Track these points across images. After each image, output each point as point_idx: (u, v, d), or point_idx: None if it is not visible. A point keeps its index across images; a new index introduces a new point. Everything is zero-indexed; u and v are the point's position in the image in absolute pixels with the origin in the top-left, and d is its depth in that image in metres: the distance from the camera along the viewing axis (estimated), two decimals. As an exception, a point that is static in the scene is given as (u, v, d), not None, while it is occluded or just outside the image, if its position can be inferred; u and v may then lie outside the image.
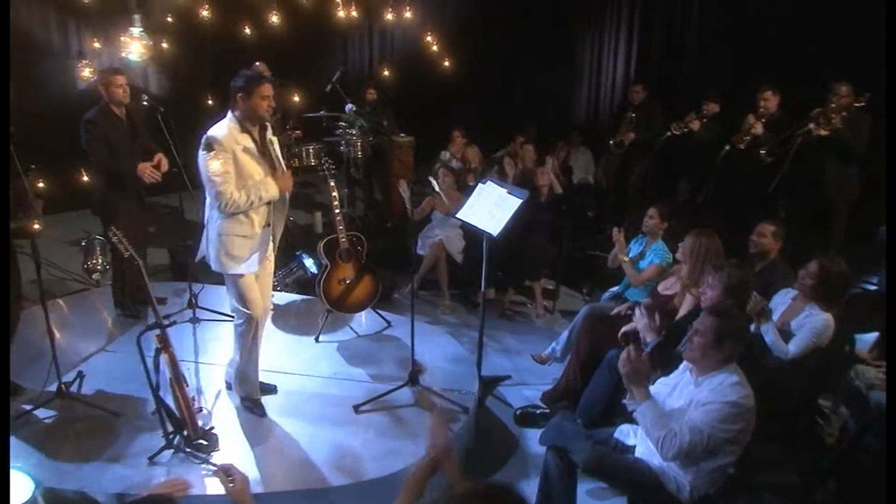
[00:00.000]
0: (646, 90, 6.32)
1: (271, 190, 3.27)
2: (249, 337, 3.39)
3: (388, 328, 4.61)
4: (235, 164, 3.17)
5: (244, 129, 3.22)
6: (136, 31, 3.14)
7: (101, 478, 2.95)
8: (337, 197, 4.26)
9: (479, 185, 4.21)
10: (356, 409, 3.58)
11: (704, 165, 5.51)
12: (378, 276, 4.52)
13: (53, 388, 3.44)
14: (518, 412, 3.88)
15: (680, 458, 2.48)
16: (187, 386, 3.07)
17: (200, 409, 3.33)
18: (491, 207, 4.04)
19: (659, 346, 3.37)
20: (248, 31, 6.69)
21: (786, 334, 3.44)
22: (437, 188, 5.44)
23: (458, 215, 4.26)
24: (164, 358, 2.90)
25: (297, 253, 5.42)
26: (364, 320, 4.73)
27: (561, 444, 2.77)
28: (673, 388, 2.79)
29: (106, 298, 4.69)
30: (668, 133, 5.72)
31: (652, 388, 2.85)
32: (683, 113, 5.81)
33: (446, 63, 7.16)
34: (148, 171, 4.16)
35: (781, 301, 3.76)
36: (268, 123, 3.38)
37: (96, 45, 6.57)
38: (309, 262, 5.32)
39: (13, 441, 3.06)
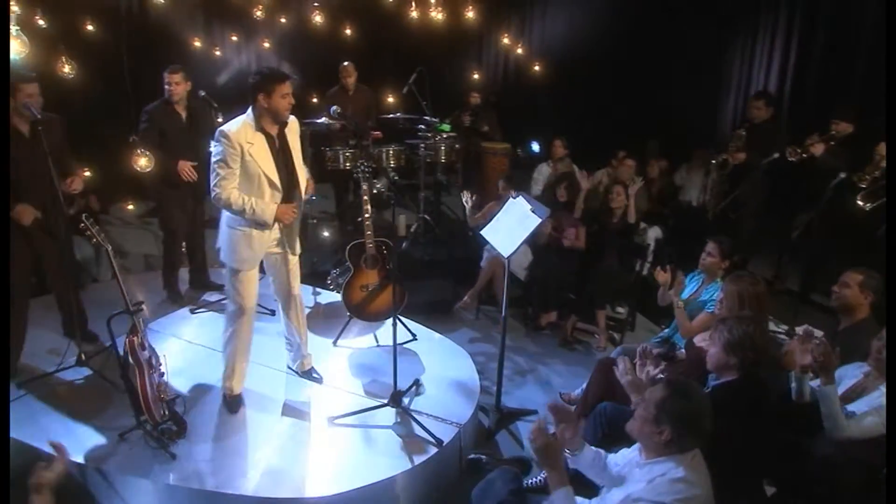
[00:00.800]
0: (770, 106, 5.41)
1: (266, 214, 3.26)
2: (236, 325, 3.44)
3: (411, 341, 4.43)
4: (242, 161, 3.19)
5: (259, 128, 3.22)
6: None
7: (71, 440, 3.14)
8: (368, 201, 4.17)
9: (510, 198, 3.90)
10: (332, 420, 3.48)
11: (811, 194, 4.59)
12: (403, 285, 4.35)
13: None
14: (468, 458, 3.48)
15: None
16: (157, 373, 3.16)
17: (175, 397, 3.42)
18: (513, 225, 3.73)
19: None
20: (347, 31, 6.84)
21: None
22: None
23: (482, 231, 3.99)
24: (127, 342, 3.01)
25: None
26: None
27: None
28: (624, 465, 2.31)
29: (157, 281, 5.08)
30: (776, 155, 4.85)
31: (611, 458, 2.40)
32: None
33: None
34: (186, 170, 4.37)
35: (852, 374, 3.01)
36: (289, 119, 3.34)
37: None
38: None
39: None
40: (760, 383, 2.58)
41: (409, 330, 4.47)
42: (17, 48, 3.31)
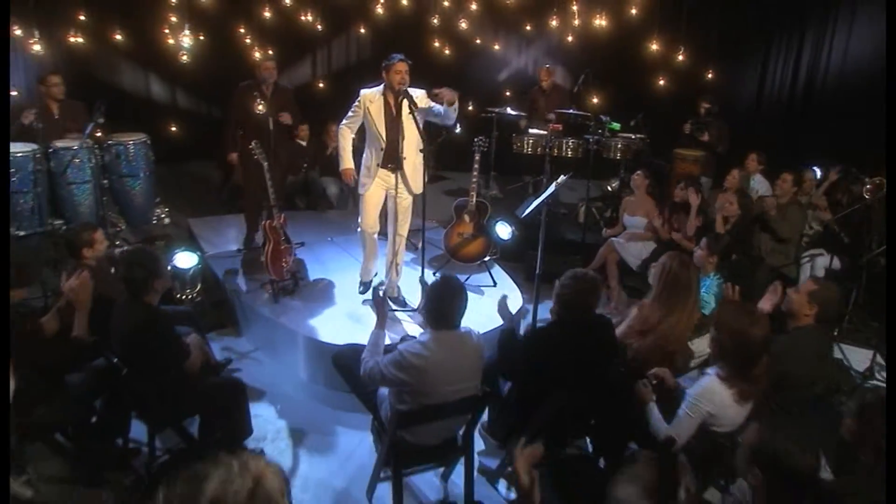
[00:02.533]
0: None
1: (343, 164, 4.68)
2: (363, 239, 4.91)
3: (491, 286, 5.37)
4: (364, 115, 4.60)
5: (382, 95, 4.57)
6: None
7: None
8: (477, 169, 5.32)
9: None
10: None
11: None
12: (490, 240, 5.34)
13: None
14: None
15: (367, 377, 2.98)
16: (286, 249, 4.91)
17: (293, 276, 5.09)
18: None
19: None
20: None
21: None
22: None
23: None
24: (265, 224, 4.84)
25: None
26: (487, 275, 5.50)
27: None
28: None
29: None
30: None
31: None
32: None
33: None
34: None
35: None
36: (405, 95, 4.35)
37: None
38: (500, 227, 6.10)
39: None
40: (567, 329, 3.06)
41: (491, 276, 5.42)
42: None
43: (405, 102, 4.34)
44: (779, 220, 5.57)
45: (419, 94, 4.49)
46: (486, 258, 5.46)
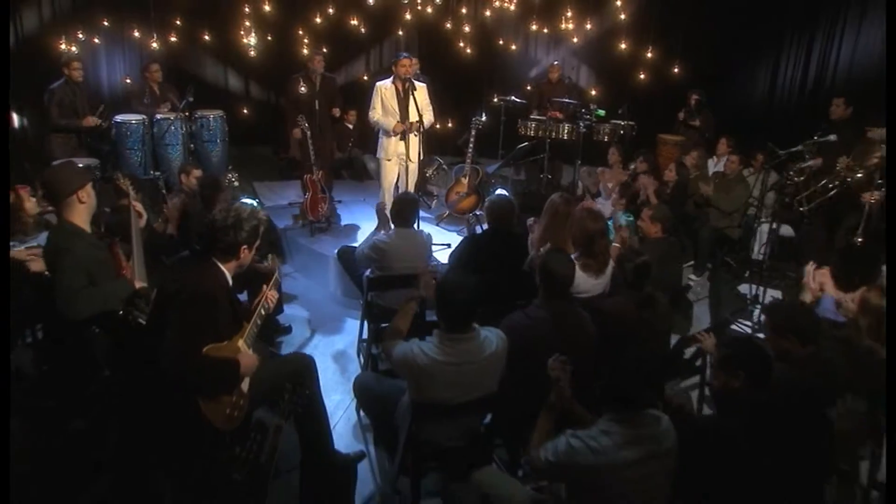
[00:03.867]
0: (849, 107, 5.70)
1: (388, 125, 6.11)
2: (382, 197, 6.37)
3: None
4: (381, 99, 6.23)
5: (393, 82, 6.19)
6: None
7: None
8: (473, 143, 6.80)
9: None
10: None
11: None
12: (480, 197, 6.79)
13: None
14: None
15: (357, 258, 4.48)
16: (325, 202, 6.50)
17: (327, 220, 6.68)
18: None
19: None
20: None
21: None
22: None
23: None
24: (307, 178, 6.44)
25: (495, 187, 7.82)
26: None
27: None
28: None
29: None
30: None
31: None
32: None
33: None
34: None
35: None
36: (409, 82, 6.08)
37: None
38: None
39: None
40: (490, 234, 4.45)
41: (481, 227, 6.84)
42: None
43: (408, 87, 5.95)
44: (722, 195, 6.76)
45: (421, 85, 6.07)
46: (478, 212, 6.90)
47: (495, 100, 8.48)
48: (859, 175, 5.37)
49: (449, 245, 6.05)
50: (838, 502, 3.16)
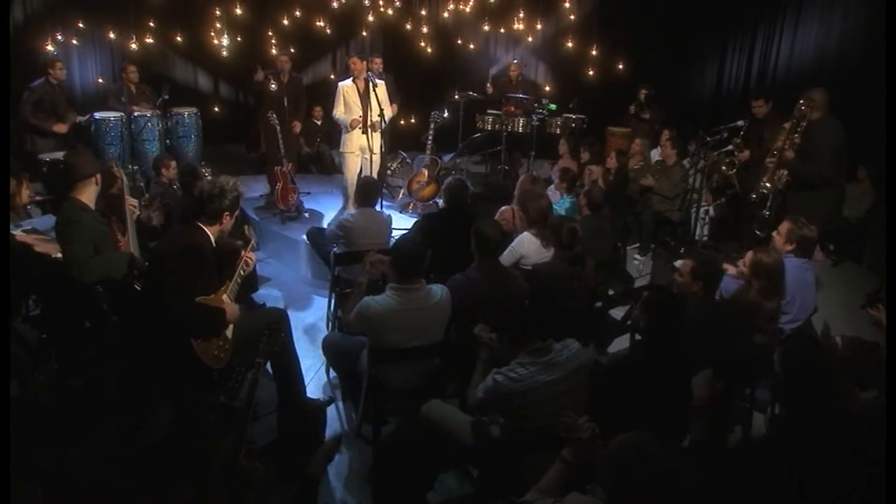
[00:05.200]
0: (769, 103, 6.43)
1: (347, 121, 6.65)
2: (344, 191, 6.96)
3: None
4: (344, 97, 6.73)
5: (353, 81, 6.70)
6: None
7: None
8: (433, 137, 7.35)
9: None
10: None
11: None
12: (439, 186, 7.34)
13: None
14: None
15: (326, 236, 4.99)
16: (294, 192, 6.98)
17: (297, 208, 7.16)
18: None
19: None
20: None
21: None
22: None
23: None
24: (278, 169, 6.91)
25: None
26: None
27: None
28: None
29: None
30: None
31: None
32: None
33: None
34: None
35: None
36: (371, 80, 6.68)
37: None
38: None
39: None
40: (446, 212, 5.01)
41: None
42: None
43: (370, 84, 6.45)
44: (664, 182, 7.42)
45: (380, 83, 6.58)
46: (437, 199, 7.46)
47: (456, 96, 9.04)
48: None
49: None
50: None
